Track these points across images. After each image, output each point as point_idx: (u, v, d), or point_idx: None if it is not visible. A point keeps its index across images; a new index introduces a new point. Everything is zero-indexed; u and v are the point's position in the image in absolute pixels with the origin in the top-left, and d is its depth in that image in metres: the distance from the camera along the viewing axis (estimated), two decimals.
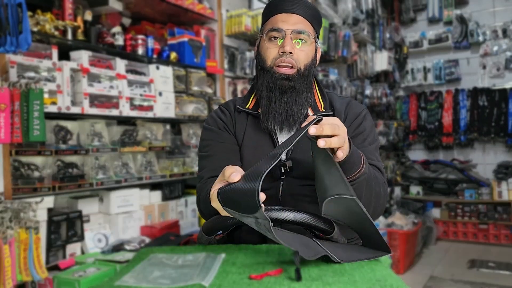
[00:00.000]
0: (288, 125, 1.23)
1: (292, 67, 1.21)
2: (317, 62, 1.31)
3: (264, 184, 1.24)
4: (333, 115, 1.28)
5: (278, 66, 1.21)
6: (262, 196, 0.88)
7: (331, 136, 0.93)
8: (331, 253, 0.91)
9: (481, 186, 4.62)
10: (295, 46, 1.21)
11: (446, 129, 5.04)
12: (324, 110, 1.28)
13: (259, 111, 1.28)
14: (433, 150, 5.24)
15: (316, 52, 1.28)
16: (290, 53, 1.19)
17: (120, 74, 2.14)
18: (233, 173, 0.92)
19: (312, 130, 0.91)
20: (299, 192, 1.23)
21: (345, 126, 1.10)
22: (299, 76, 1.22)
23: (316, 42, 1.27)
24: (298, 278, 0.81)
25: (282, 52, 1.20)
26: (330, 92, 1.36)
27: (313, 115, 1.26)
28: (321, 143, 0.92)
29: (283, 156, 1.24)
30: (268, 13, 1.27)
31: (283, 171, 1.22)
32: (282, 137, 1.26)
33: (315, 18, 1.27)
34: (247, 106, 1.31)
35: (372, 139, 1.28)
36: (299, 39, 1.21)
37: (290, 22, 1.21)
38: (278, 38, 1.22)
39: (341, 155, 0.96)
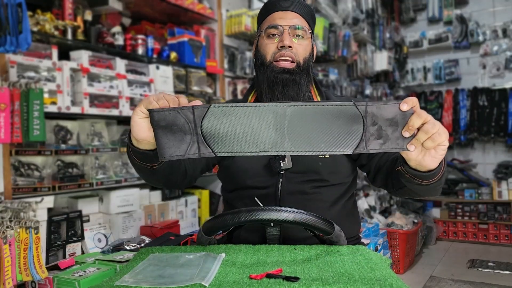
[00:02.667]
0: None
1: (292, 61, 1.23)
2: (314, 58, 1.33)
3: (262, 182, 1.25)
4: None
5: (277, 61, 1.23)
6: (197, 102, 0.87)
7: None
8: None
9: (481, 186, 4.62)
10: (293, 40, 1.24)
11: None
12: None
13: None
14: None
15: (312, 48, 1.31)
16: (289, 46, 1.22)
17: (120, 74, 2.14)
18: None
19: (405, 106, 0.83)
20: (299, 189, 1.23)
21: None
22: (299, 69, 1.24)
23: (312, 38, 1.29)
24: None
25: (281, 47, 1.22)
26: (327, 91, 1.38)
27: None
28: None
29: None
30: (265, 13, 1.31)
31: (282, 165, 1.21)
32: None
33: (310, 16, 1.31)
34: None
35: None
36: (297, 34, 1.25)
37: (287, 18, 1.25)
38: (277, 35, 1.25)
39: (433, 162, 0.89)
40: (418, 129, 0.84)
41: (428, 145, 0.85)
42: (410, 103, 0.83)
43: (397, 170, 1.04)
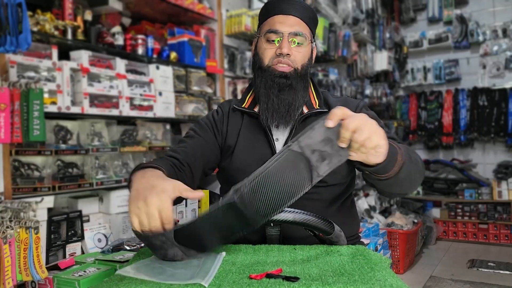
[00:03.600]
0: (285, 122, 1.25)
1: (289, 66, 1.23)
2: (313, 61, 1.33)
3: None
4: (328, 112, 1.29)
5: (275, 65, 1.23)
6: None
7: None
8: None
9: (481, 186, 4.62)
10: (292, 47, 1.23)
11: (446, 129, 5.04)
12: (318, 107, 1.29)
13: (255, 110, 1.29)
14: (433, 150, 5.24)
15: (312, 53, 1.30)
16: (288, 54, 1.21)
17: (120, 74, 2.14)
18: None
19: (330, 123, 0.86)
20: None
21: None
22: (296, 74, 1.24)
23: (312, 42, 1.28)
24: None
25: (279, 54, 1.22)
26: (325, 92, 1.38)
27: (308, 112, 1.26)
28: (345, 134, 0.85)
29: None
30: (265, 14, 1.29)
31: None
32: (277, 134, 1.27)
33: (311, 19, 1.29)
34: (243, 106, 1.33)
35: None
36: (296, 41, 1.24)
37: (287, 23, 1.23)
38: (276, 40, 1.24)
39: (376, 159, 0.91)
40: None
41: (363, 151, 0.89)
42: (335, 118, 0.86)
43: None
